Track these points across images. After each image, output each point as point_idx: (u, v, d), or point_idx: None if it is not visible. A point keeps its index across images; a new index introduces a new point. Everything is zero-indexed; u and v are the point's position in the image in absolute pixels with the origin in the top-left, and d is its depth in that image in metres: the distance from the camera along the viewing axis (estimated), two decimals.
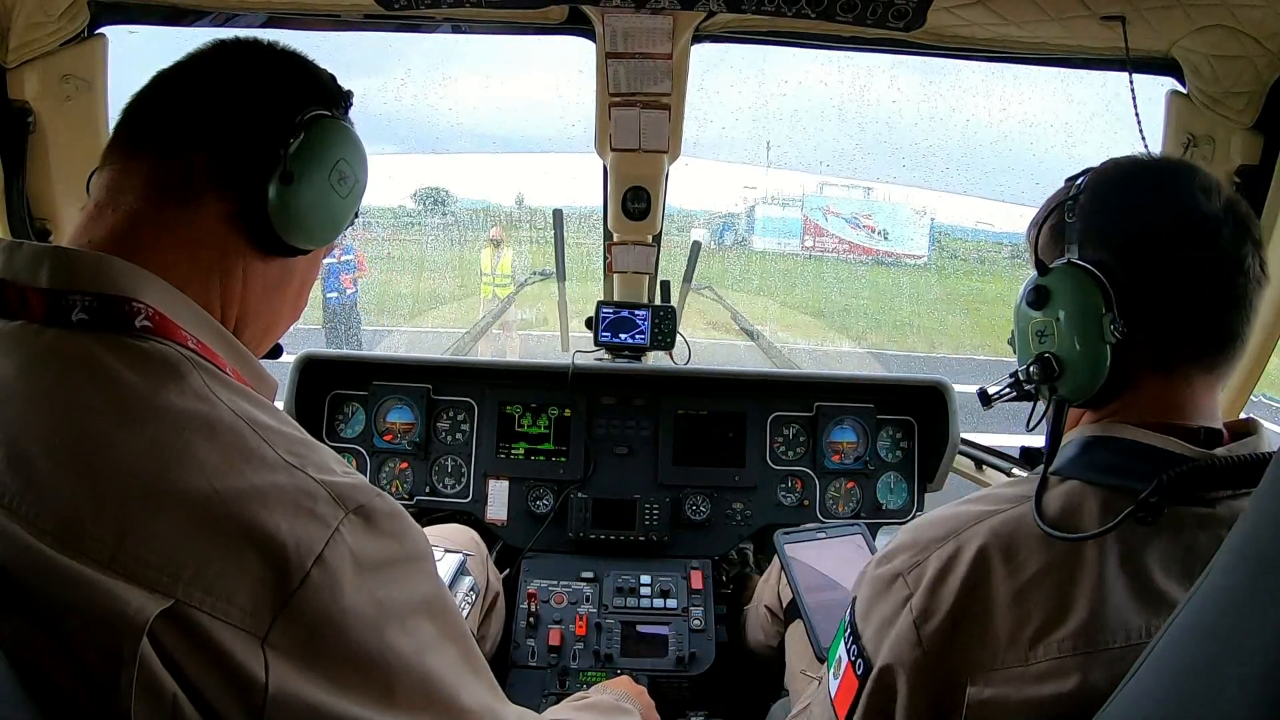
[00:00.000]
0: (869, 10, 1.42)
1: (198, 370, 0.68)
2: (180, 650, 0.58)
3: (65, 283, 0.67)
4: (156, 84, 0.78)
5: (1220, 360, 0.80)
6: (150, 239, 0.72)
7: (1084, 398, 0.82)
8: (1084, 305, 0.79)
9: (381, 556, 0.67)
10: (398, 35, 1.78)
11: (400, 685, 0.66)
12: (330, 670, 0.63)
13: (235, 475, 0.63)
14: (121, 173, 0.74)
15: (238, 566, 0.60)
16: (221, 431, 0.64)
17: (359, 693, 0.64)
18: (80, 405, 0.63)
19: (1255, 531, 0.49)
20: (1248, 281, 0.78)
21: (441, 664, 0.70)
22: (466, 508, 2.03)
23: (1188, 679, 0.51)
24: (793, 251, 13.57)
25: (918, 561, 0.80)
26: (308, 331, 7.22)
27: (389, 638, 0.66)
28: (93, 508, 0.60)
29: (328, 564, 0.63)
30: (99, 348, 0.65)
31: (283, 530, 0.62)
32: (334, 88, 0.84)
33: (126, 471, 0.61)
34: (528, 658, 1.72)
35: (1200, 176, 0.80)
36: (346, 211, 0.83)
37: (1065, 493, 0.78)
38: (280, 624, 0.61)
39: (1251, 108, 1.41)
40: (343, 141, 0.81)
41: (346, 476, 0.69)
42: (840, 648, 0.87)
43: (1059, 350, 0.82)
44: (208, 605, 0.59)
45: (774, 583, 1.69)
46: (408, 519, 0.72)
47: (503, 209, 8.75)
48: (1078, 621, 0.70)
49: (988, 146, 4.67)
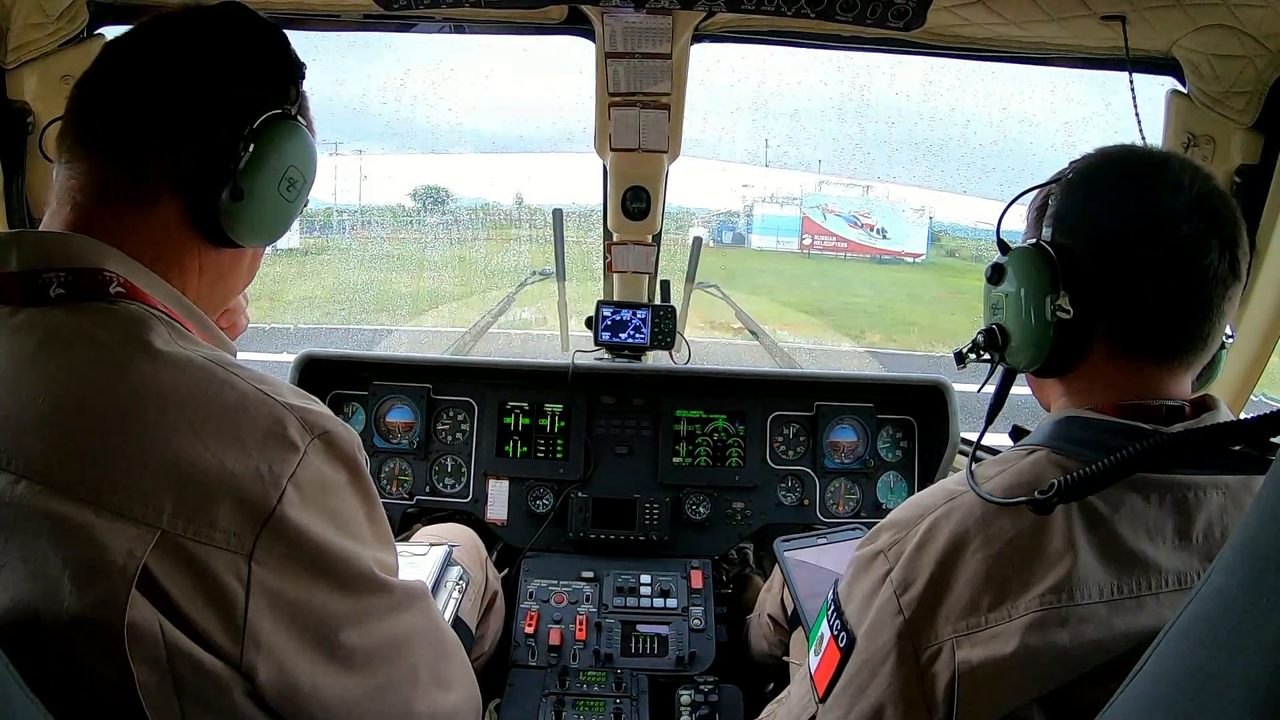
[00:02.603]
0: (869, 10, 1.42)
1: (165, 325, 0.73)
2: (167, 577, 0.63)
3: (36, 262, 0.71)
4: (108, 65, 0.78)
5: (1179, 353, 0.82)
6: (111, 234, 0.75)
7: (1030, 368, 0.88)
8: (1031, 284, 0.84)
9: (338, 479, 0.75)
10: (397, 35, 1.78)
11: (357, 580, 0.75)
12: (307, 572, 0.70)
13: (207, 408, 0.68)
14: (79, 173, 0.76)
15: (217, 493, 0.66)
16: (192, 371, 0.70)
17: (326, 587, 0.72)
18: (59, 366, 0.67)
19: (1257, 531, 0.49)
20: (1207, 281, 0.78)
21: (384, 560, 0.80)
22: (466, 507, 2.03)
23: (1189, 679, 0.51)
24: (791, 250, 13.57)
25: (897, 539, 0.83)
26: (308, 331, 7.22)
27: (345, 541, 0.74)
28: (78, 454, 0.64)
29: (300, 483, 0.70)
30: (75, 314, 0.70)
31: (255, 455, 0.68)
32: (287, 67, 0.83)
33: (106, 418, 0.66)
34: (528, 657, 1.72)
35: (1174, 172, 0.80)
36: (295, 211, 0.87)
37: (1034, 462, 0.81)
38: (263, 540, 0.67)
39: (1251, 107, 1.41)
40: (293, 147, 0.82)
41: (310, 403, 0.75)
42: (822, 625, 0.89)
43: (1006, 323, 0.88)
44: (191, 532, 0.64)
45: (776, 591, 1.69)
46: (358, 448, 0.79)
47: (502, 208, 8.74)
48: (1055, 578, 0.73)
49: (987, 146, 4.68)
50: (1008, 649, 0.72)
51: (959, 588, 0.76)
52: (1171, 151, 0.88)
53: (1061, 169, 0.88)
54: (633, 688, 1.65)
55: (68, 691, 0.62)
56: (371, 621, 0.77)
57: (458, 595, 1.45)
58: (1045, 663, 0.71)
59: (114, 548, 0.62)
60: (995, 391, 0.96)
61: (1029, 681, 0.71)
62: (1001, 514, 0.77)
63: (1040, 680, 0.71)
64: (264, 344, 5.94)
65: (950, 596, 0.76)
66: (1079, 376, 0.86)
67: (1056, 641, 0.71)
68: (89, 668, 0.63)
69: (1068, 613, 0.72)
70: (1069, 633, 0.71)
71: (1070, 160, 0.88)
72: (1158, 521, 0.75)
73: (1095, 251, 0.81)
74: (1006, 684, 0.72)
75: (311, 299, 7.92)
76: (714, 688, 1.60)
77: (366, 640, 0.77)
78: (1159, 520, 0.75)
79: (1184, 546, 0.75)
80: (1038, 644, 0.71)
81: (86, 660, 0.62)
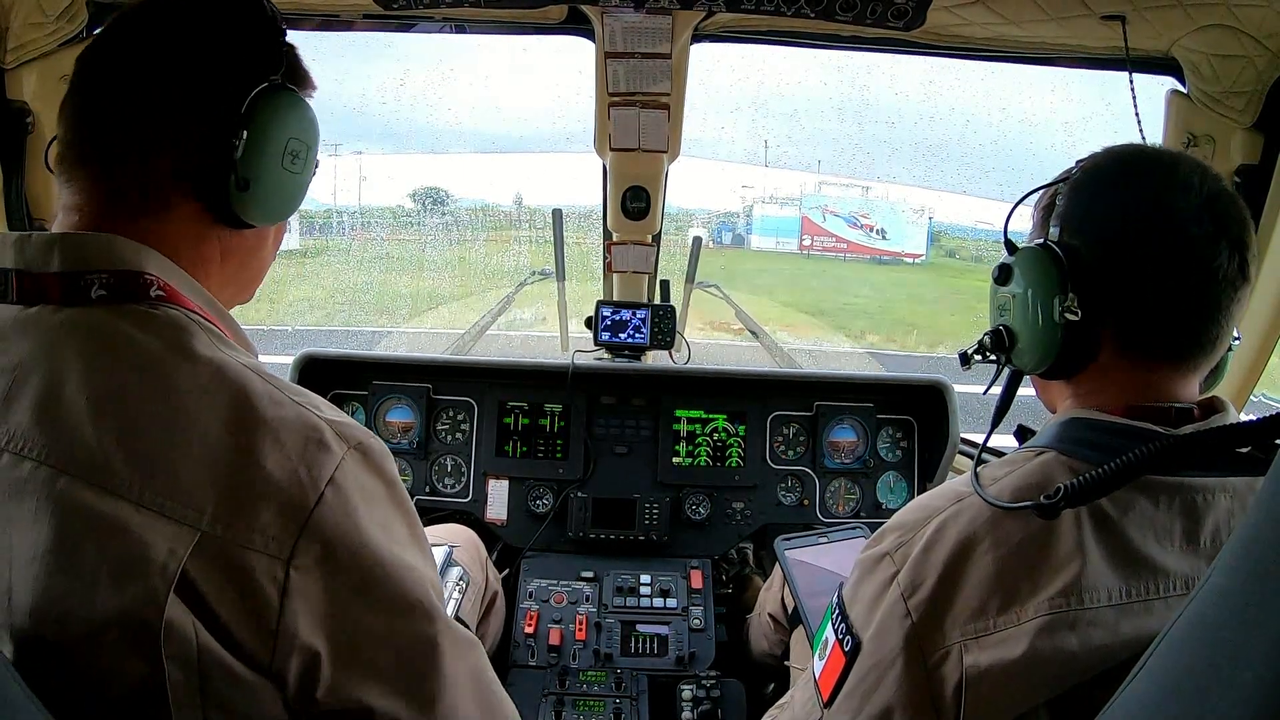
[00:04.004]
0: (869, 10, 1.42)
1: (205, 331, 0.73)
2: (203, 579, 0.63)
3: (79, 263, 0.71)
4: (85, 79, 0.76)
5: (1187, 355, 0.81)
6: (137, 233, 0.75)
7: (1037, 370, 0.87)
8: (1038, 285, 0.83)
9: (376, 490, 0.74)
10: (397, 35, 1.78)
11: (400, 596, 0.73)
12: (346, 579, 0.69)
13: (248, 413, 0.68)
14: (81, 190, 0.75)
15: (258, 496, 0.65)
16: (232, 377, 0.70)
17: (367, 598, 0.70)
18: (101, 365, 0.67)
19: (1257, 533, 0.48)
20: (1215, 283, 0.77)
21: (424, 587, 0.76)
22: (466, 507, 2.02)
23: (1189, 680, 0.51)
24: (791, 251, 13.57)
25: (904, 541, 0.82)
26: (307, 333, 7.21)
27: (388, 554, 0.72)
28: (121, 452, 0.64)
29: (339, 486, 0.69)
30: (116, 317, 0.70)
31: (295, 459, 0.68)
32: (264, 33, 0.80)
33: (149, 419, 0.66)
34: (528, 657, 1.72)
35: (1183, 172, 0.79)
36: (305, 181, 0.86)
37: (1042, 464, 0.81)
38: (303, 544, 0.66)
39: (1251, 107, 1.41)
40: (289, 118, 0.80)
41: (343, 417, 0.75)
42: (827, 630, 0.88)
43: (1013, 324, 0.88)
44: (231, 535, 0.64)
45: (776, 590, 1.68)
46: (391, 461, 0.78)
47: (502, 209, 8.74)
48: (1064, 581, 0.72)
49: (987, 146, 4.67)
50: (1016, 653, 0.71)
51: (967, 590, 0.75)
52: (1180, 151, 0.87)
53: (1068, 168, 0.87)
54: (632, 688, 1.65)
55: (76, 694, 0.62)
56: (413, 643, 0.74)
57: (458, 596, 1.45)
58: (1054, 667, 0.70)
59: (155, 545, 0.62)
60: (1001, 393, 0.95)
61: (1037, 685, 0.71)
62: (1010, 516, 0.76)
63: (1049, 684, 0.71)
64: (263, 345, 5.94)
65: (958, 599, 0.75)
66: (1086, 378, 0.85)
67: (1065, 645, 0.71)
68: (111, 669, 0.62)
69: (1076, 616, 0.71)
70: (1078, 636, 0.71)
71: (1076, 159, 0.87)
72: (1166, 524, 0.75)
73: (1103, 252, 0.80)
74: (1015, 688, 0.71)
75: (311, 300, 7.92)
76: (716, 683, 1.59)
77: (404, 663, 0.73)
78: (1167, 523, 0.75)
79: (1192, 550, 0.75)
80: (1046, 648, 0.71)
81: (112, 661, 0.62)
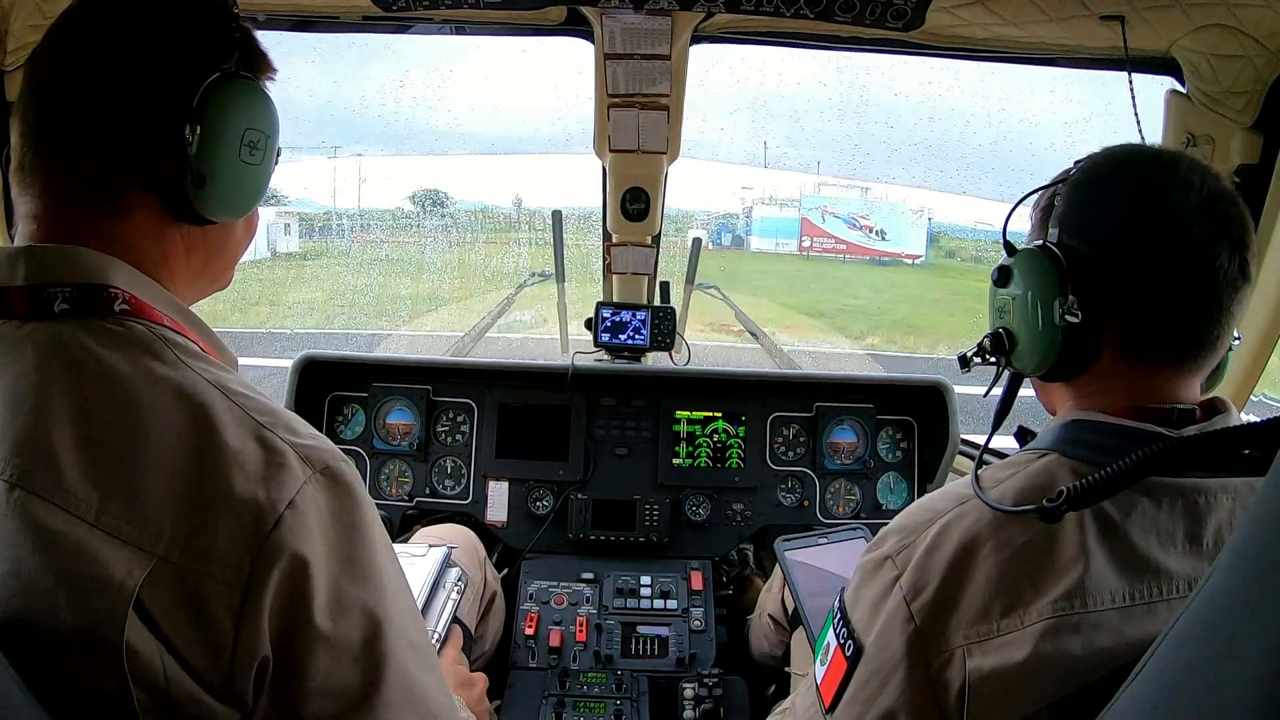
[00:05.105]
0: (868, 10, 1.42)
1: (170, 346, 0.71)
2: (159, 605, 0.62)
3: (42, 276, 0.69)
4: (40, 71, 0.74)
5: (1188, 356, 0.80)
6: (98, 237, 0.73)
7: (1037, 373, 0.86)
8: (1038, 287, 0.82)
9: (340, 515, 0.71)
10: (396, 36, 1.78)
11: (368, 629, 0.70)
12: (304, 612, 0.66)
13: (209, 437, 0.66)
14: (41, 188, 0.74)
15: (216, 522, 0.64)
16: (195, 397, 0.68)
17: (333, 631, 0.68)
18: (62, 381, 0.66)
19: (1257, 532, 0.48)
20: (1217, 283, 0.77)
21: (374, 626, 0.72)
22: (466, 509, 2.02)
23: (1189, 680, 0.51)
24: (790, 252, 13.58)
25: (905, 544, 0.81)
26: (307, 336, 7.22)
27: (349, 584, 0.70)
28: (78, 472, 0.63)
29: (299, 509, 0.67)
30: (79, 332, 0.68)
31: (254, 481, 0.66)
32: (213, 16, 0.76)
33: (109, 439, 0.64)
34: (528, 659, 1.72)
35: (1183, 172, 0.79)
36: (267, 171, 0.83)
37: (1045, 466, 0.80)
38: (257, 571, 0.64)
39: (1251, 107, 1.41)
40: (243, 108, 0.77)
41: (313, 439, 0.72)
42: (829, 634, 0.88)
43: (1013, 327, 0.87)
44: (187, 560, 0.63)
45: (776, 591, 1.68)
46: (363, 487, 0.75)
47: (501, 211, 8.75)
48: (1067, 584, 0.72)
49: (987, 146, 4.66)
50: (1019, 657, 0.71)
51: (970, 593, 0.74)
52: (1180, 151, 0.86)
53: (1067, 168, 0.87)
54: (633, 689, 1.65)
55: (67, 695, 0.61)
56: (348, 688, 0.70)
57: (456, 596, 1.45)
58: (1057, 670, 0.70)
59: (113, 564, 0.61)
60: (1002, 396, 0.94)
61: (1041, 689, 0.70)
62: (1014, 518, 0.76)
63: (1052, 688, 0.70)
64: (263, 348, 5.94)
65: (962, 602, 0.75)
66: (1087, 380, 0.84)
67: (1069, 649, 0.70)
68: (89, 677, 0.62)
69: (1080, 620, 0.71)
70: (1081, 640, 0.70)
71: (1075, 160, 0.87)
72: (1169, 527, 0.74)
73: (1103, 253, 0.80)
74: (1018, 692, 0.71)
75: (310, 303, 7.92)
76: (718, 681, 1.59)
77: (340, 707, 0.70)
78: (1170, 525, 0.75)
79: (1195, 551, 0.74)
80: (1050, 652, 0.70)
81: (85, 676, 0.61)
